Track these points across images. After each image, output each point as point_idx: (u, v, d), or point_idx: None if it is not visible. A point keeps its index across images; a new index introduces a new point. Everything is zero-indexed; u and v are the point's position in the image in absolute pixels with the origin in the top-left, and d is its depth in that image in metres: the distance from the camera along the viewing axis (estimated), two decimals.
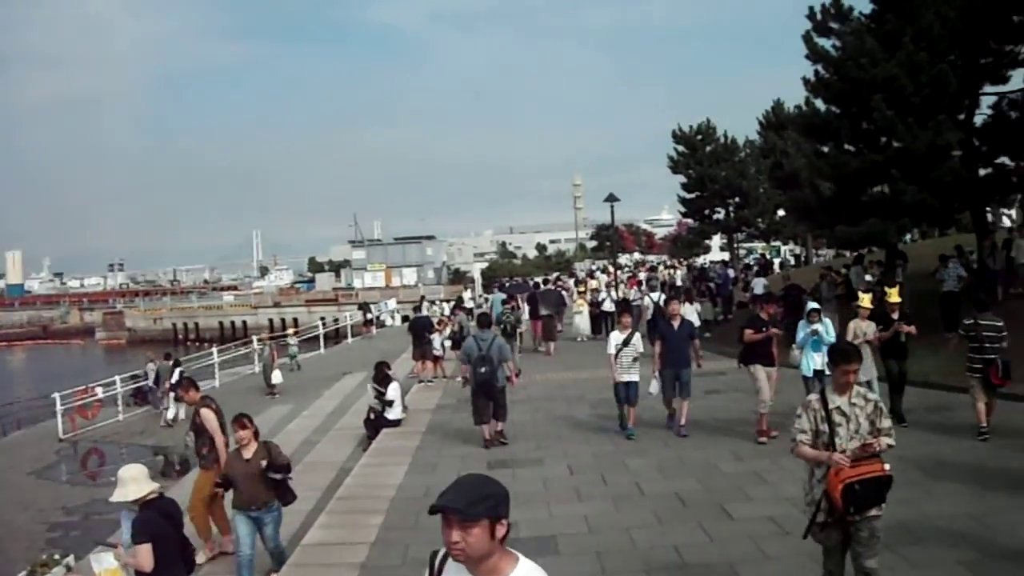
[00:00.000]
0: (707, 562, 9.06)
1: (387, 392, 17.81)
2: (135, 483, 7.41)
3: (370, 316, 50.83)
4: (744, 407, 16.84)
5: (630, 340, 14.88)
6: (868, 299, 14.40)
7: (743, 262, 60.42)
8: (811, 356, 14.02)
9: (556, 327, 30.49)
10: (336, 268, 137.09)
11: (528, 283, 48.94)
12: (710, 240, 79.09)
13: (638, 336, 15.15)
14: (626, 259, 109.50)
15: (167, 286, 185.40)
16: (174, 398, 26.06)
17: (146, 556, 6.97)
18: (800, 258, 66.75)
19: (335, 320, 55.48)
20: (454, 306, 29.44)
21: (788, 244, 74.30)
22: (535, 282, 46.56)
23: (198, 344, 70.03)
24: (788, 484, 11.36)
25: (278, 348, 33.86)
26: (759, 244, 79.38)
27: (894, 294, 14.45)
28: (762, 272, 39.71)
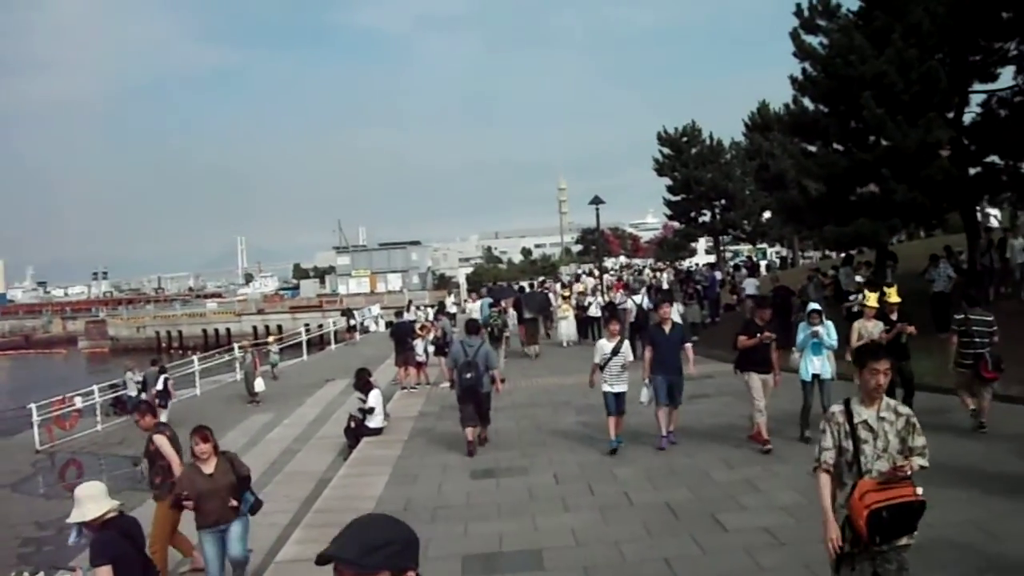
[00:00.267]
0: None
1: (368, 399, 17.35)
2: (93, 502, 6.96)
3: (353, 322, 50.42)
4: (734, 412, 16.49)
5: (619, 348, 14.11)
6: (874, 298, 13.92)
7: (729, 264, 60.20)
8: (810, 359, 13.54)
9: (539, 331, 30.12)
10: (321, 274, 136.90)
11: (513, 287, 48.65)
12: (696, 243, 78.91)
13: (627, 344, 14.45)
14: (612, 263, 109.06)
15: (151, 294, 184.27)
16: (159, 404, 25.51)
17: None
18: (786, 260, 66.53)
19: (319, 327, 54.91)
20: (436, 311, 28.95)
21: (774, 246, 74.03)
22: (520, 286, 46.31)
23: (181, 352, 69.52)
24: (782, 492, 11.01)
25: (260, 356, 33.43)
26: (745, 246, 79.08)
27: (894, 293, 14.01)
28: (752, 273, 39.34)
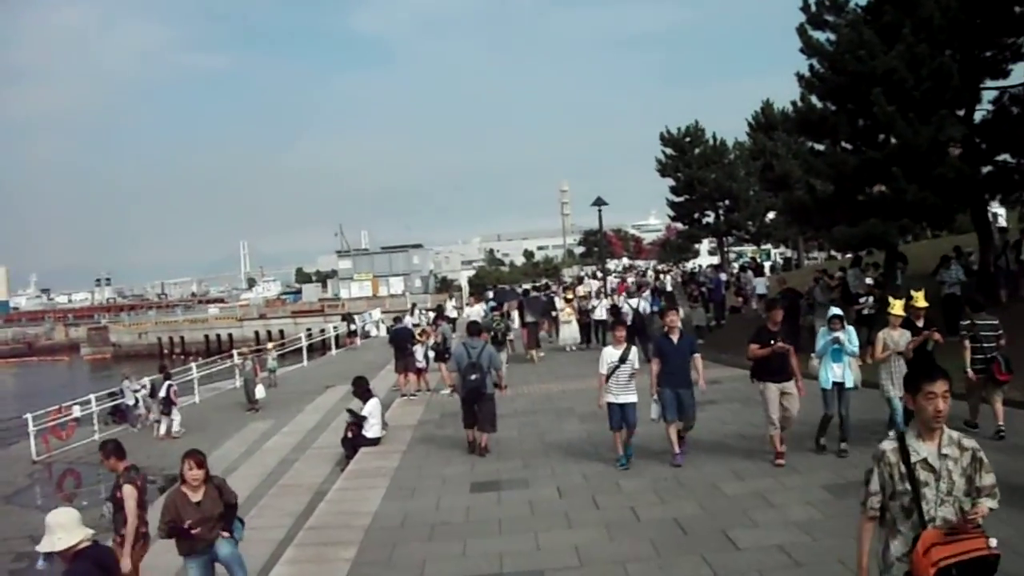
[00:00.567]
0: None
1: (364, 408, 16.84)
2: (64, 531, 6.39)
3: (354, 327, 50.01)
4: (741, 419, 16.00)
5: (627, 356, 13.08)
6: (900, 305, 13.02)
7: (734, 266, 59.70)
8: (830, 367, 12.81)
9: (539, 334, 29.90)
10: (323, 279, 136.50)
11: (515, 290, 48.32)
12: (700, 244, 78.47)
13: (635, 351, 13.34)
14: (614, 264, 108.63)
15: (154, 300, 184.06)
16: (161, 411, 25.92)
17: None
18: (791, 261, 65.96)
19: (321, 331, 54.53)
20: (436, 316, 28.48)
21: (779, 247, 73.45)
22: (524, 289, 46.02)
23: (184, 358, 69.15)
24: (796, 507, 10.49)
25: (259, 362, 32.97)
26: (749, 248, 78.54)
27: (921, 298, 13.35)
28: (759, 274, 38.93)
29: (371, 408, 16.83)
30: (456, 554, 9.99)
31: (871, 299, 21.12)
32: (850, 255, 43.56)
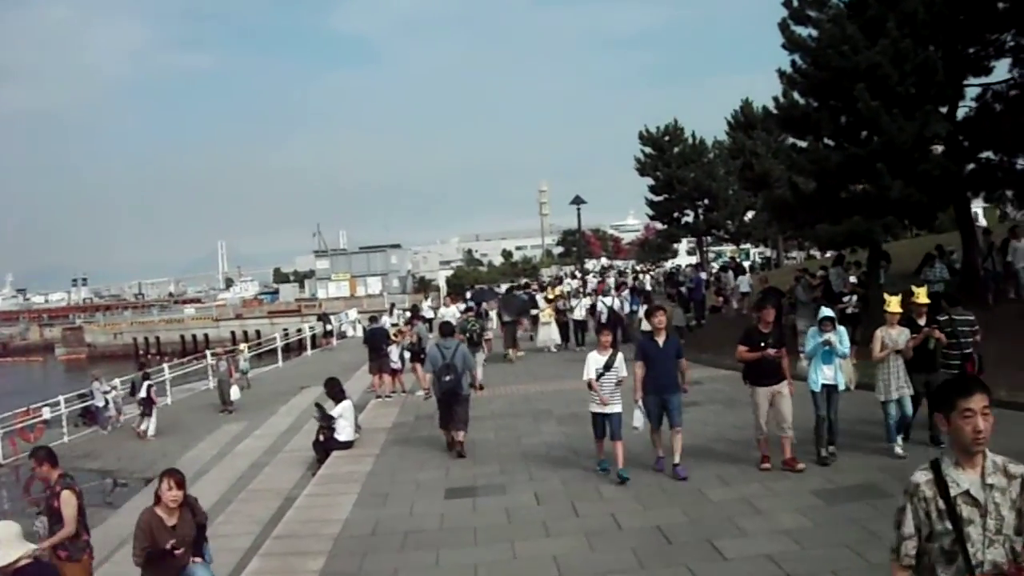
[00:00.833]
0: None
1: (335, 409, 16.35)
2: (3, 546, 5.94)
3: (330, 327, 49.51)
4: (724, 421, 15.62)
5: (612, 363, 12.31)
6: (896, 302, 12.41)
7: (714, 265, 59.53)
8: (820, 369, 12.14)
9: (517, 333, 29.61)
10: (301, 279, 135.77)
11: (494, 290, 47.98)
12: (678, 244, 78.28)
13: (621, 357, 12.45)
14: (592, 264, 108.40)
15: (131, 300, 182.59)
16: (142, 412, 25.58)
17: None
18: (770, 260, 65.84)
19: (298, 331, 53.98)
20: (411, 315, 28.02)
21: (758, 247, 73.26)
22: (508, 287, 45.79)
23: (159, 358, 68.40)
24: (783, 513, 10.08)
25: (233, 363, 32.44)
26: (728, 247, 78.39)
27: (923, 294, 12.78)
28: (742, 272, 38.62)
29: (343, 410, 16.34)
30: (429, 564, 9.56)
31: (854, 298, 20.78)
32: (831, 254, 43.48)
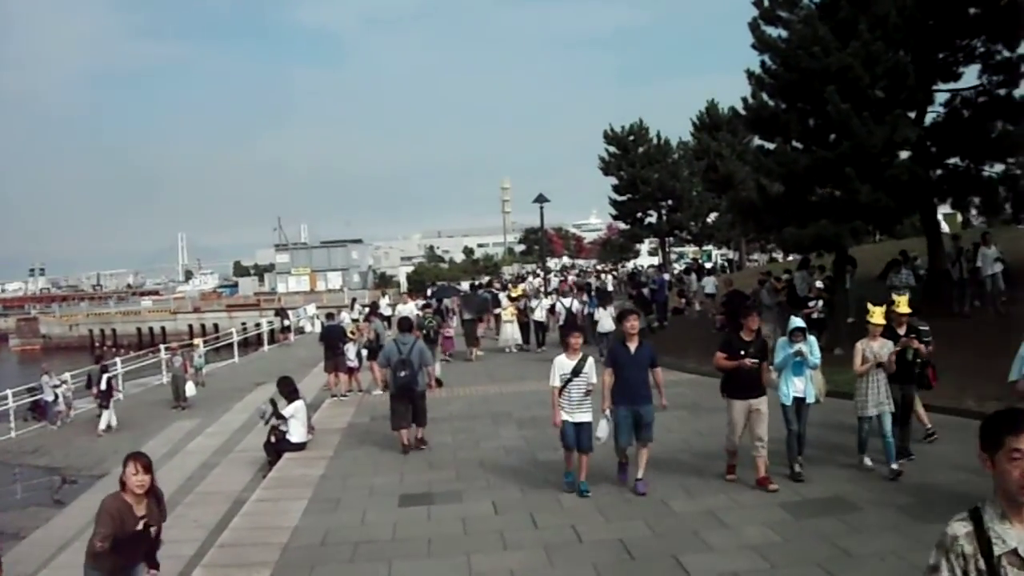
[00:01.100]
0: None
1: (287, 409, 15.81)
2: None
3: (288, 322, 48.87)
4: (688, 427, 15.24)
5: (581, 368, 11.38)
6: (880, 313, 11.72)
7: (674, 266, 59.44)
8: (791, 381, 11.57)
9: (478, 332, 29.31)
10: (261, 272, 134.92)
11: (456, 287, 47.64)
12: (641, 244, 78.15)
13: (591, 362, 11.57)
14: (554, 263, 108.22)
15: (89, 291, 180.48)
16: (99, 404, 24.81)
17: None
18: (732, 263, 65.78)
19: (256, 325, 53.27)
20: (369, 312, 27.47)
21: (721, 249, 73.23)
22: (471, 285, 45.47)
23: (115, 350, 67.36)
24: (750, 527, 9.68)
25: (188, 358, 31.71)
26: (690, 248, 78.36)
27: (904, 303, 12.15)
28: (704, 274, 38.46)
29: (295, 410, 15.78)
30: None
31: (820, 303, 20.49)
32: (794, 257, 43.33)
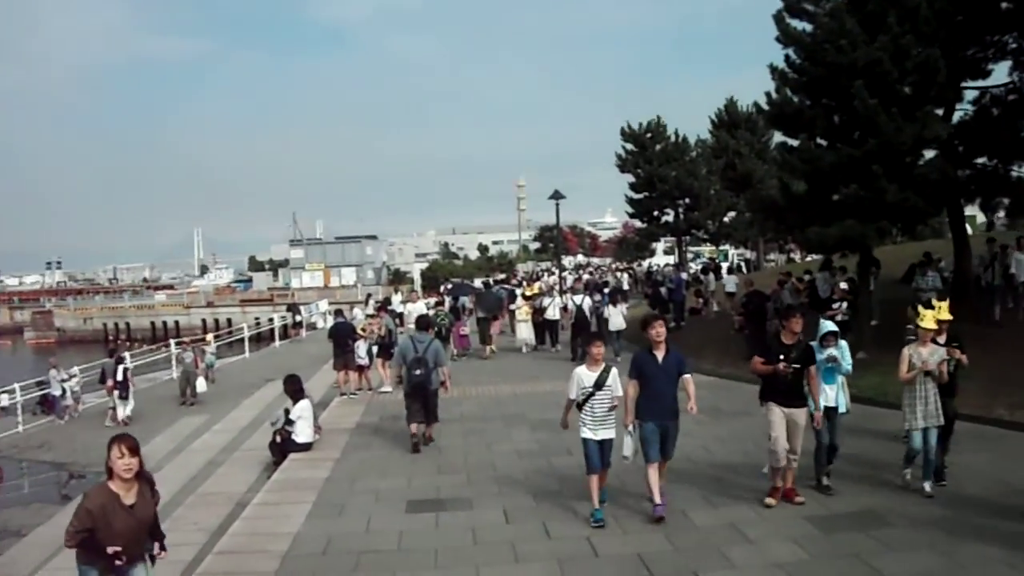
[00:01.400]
0: None
1: (293, 410, 15.34)
2: None
3: (299, 318, 48.51)
4: (709, 433, 14.69)
5: (604, 380, 10.28)
6: (932, 317, 10.85)
7: (690, 265, 58.88)
8: (822, 389, 10.77)
9: (492, 330, 28.87)
10: (275, 267, 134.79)
11: (469, 284, 47.23)
12: (657, 242, 77.61)
13: (615, 373, 10.41)
14: (569, 261, 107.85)
15: (106, 284, 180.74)
16: (119, 396, 24.60)
17: None
18: (750, 263, 65.15)
19: (269, 320, 52.96)
20: (379, 307, 27.03)
21: (738, 248, 72.56)
22: (484, 282, 45.10)
23: (128, 344, 67.24)
24: (777, 542, 9.14)
25: (198, 354, 31.28)
26: (706, 248, 77.73)
27: (944, 309, 11.12)
28: (730, 272, 37.98)
29: (301, 410, 15.32)
30: None
31: (844, 305, 19.89)
32: (812, 258, 42.74)
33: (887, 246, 37.83)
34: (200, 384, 26.94)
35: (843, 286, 20.94)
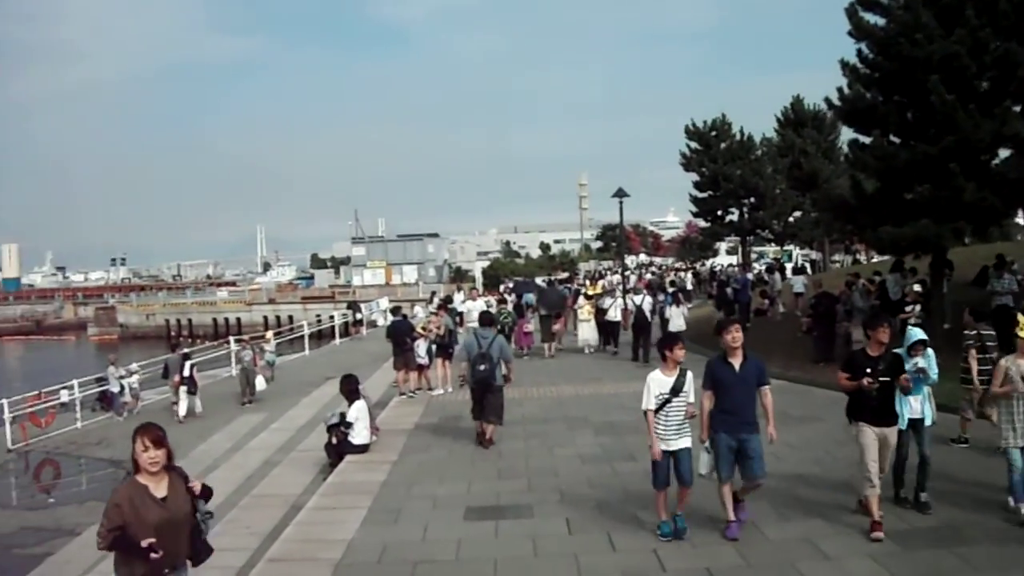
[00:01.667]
0: None
1: (349, 412, 15.07)
2: None
3: (360, 316, 48.45)
4: (779, 440, 13.98)
5: (681, 386, 9.53)
6: None
7: (754, 266, 58.11)
8: (907, 400, 10.12)
9: (554, 328, 28.51)
10: (337, 265, 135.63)
11: (533, 282, 46.88)
12: (721, 242, 76.86)
13: (690, 378, 9.61)
14: (631, 260, 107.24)
15: (170, 281, 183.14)
16: (187, 391, 24.70)
17: None
18: (815, 263, 64.14)
19: (331, 318, 52.99)
20: (439, 305, 26.79)
21: (803, 248, 71.50)
22: (548, 280, 44.80)
23: (190, 341, 67.90)
24: (855, 559, 8.65)
25: (258, 352, 31.18)
26: (770, 248, 76.78)
27: None
28: (796, 272, 37.33)
29: (357, 412, 15.04)
30: None
31: (918, 308, 19.22)
32: (877, 259, 41.86)
33: (956, 248, 37.00)
34: (259, 383, 26.79)
35: (916, 288, 20.30)
